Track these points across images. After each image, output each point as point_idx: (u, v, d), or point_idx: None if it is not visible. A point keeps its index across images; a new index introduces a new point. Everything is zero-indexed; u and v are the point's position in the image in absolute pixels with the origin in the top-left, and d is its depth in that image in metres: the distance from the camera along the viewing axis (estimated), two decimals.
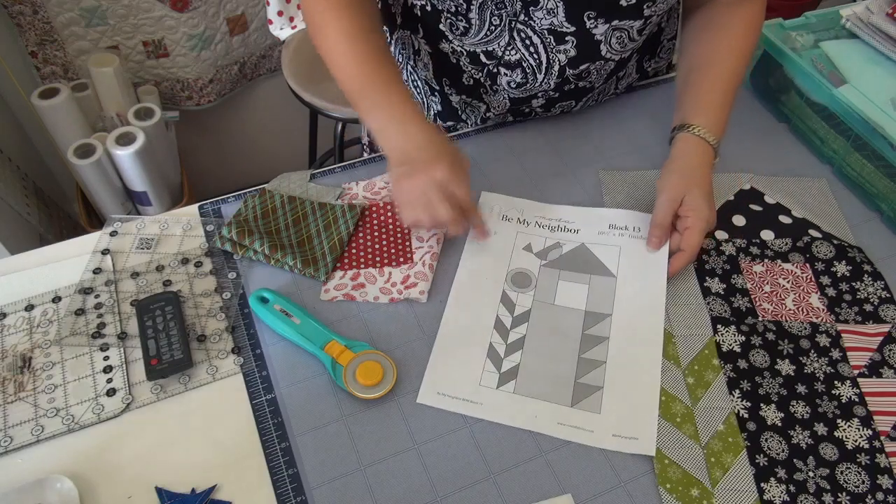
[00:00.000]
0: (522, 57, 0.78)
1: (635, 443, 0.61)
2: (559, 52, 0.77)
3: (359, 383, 0.62)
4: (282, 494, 0.57)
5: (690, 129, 0.76)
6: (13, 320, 0.68)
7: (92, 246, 0.74)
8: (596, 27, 0.74)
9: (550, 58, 0.77)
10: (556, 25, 0.74)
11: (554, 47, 0.76)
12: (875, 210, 0.82)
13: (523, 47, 0.77)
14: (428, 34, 0.84)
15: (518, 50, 0.77)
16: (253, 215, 0.76)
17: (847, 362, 0.67)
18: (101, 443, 0.60)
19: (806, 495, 0.58)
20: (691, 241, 0.71)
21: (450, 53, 0.83)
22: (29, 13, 1.45)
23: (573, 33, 0.74)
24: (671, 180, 0.74)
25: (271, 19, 1.65)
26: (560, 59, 0.77)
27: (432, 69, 0.89)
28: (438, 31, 0.80)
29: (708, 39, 0.81)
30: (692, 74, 0.80)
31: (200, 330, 0.68)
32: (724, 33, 0.80)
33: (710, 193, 0.73)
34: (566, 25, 0.73)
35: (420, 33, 0.85)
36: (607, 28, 0.74)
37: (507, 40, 0.77)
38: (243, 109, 1.94)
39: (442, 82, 0.90)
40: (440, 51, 0.84)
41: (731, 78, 0.78)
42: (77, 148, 1.43)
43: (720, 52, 0.79)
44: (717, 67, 0.78)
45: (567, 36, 0.75)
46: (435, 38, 0.82)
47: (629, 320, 0.69)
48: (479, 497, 0.58)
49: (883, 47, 0.88)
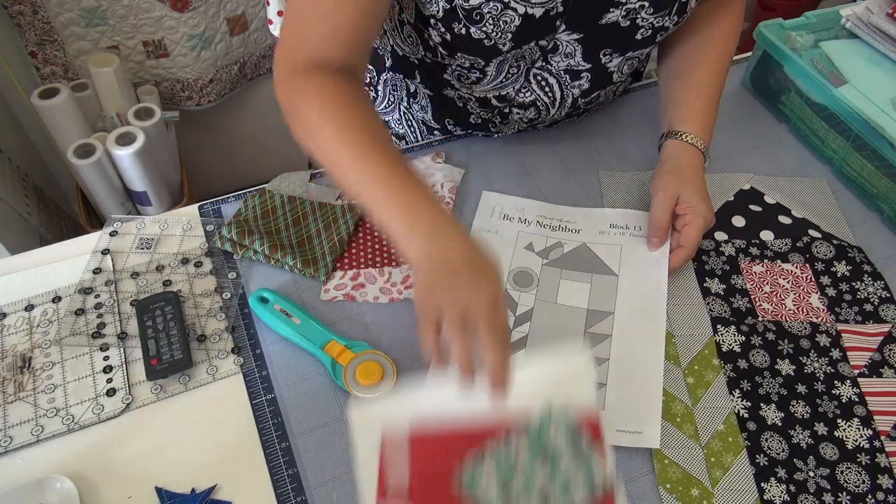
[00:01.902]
0: (537, 97, 0.78)
1: (639, 436, 0.61)
2: (574, 88, 0.77)
3: (359, 383, 0.62)
4: (282, 494, 0.57)
5: (679, 135, 0.76)
6: (13, 320, 0.68)
7: (92, 246, 0.74)
8: (611, 61, 0.74)
9: (565, 93, 0.77)
10: (573, 65, 0.74)
11: (569, 84, 0.76)
12: (875, 210, 0.82)
13: (538, 88, 0.76)
14: (428, 80, 0.81)
15: (533, 91, 0.77)
16: (253, 215, 0.76)
17: (847, 362, 0.67)
18: (101, 443, 0.60)
19: (806, 495, 0.58)
20: (690, 238, 0.71)
21: (455, 99, 0.81)
22: (29, 13, 1.45)
23: (588, 69, 0.74)
24: (665, 180, 0.74)
25: (271, 19, 1.64)
26: (574, 94, 0.78)
27: (431, 112, 0.86)
28: (442, 80, 0.78)
29: (687, 44, 0.81)
30: (675, 81, 0.80)
31: (200, 330, 0.68)
32: (703, 39, 0.80)
33: (704, 191, 0.73)
34: (582, 64, 0.73)
35: (417, 79, 0.82)
36: (621, 59, 0.74)
37: (521, 84, 0.76)
38: (243, 109, 1.94)
39: (444, 122, 0.87)
40: (444, 96, 0.81)
41: (714, 82, 0.78)
42: (77, 148, 1.43)
43: (701, 58, 0.79)
44: (699, 73, 0.78)
45: (583, 73, 0.75)
46: (438, 85, 0.80)
47: (631, 318, 0.69)
48: None
49: (883, 47, 0.88)
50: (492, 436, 0.54)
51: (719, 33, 0.80)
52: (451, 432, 0.54)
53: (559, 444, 0.54)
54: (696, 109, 0.77)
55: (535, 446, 0.54)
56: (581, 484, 0.52)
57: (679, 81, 0.80)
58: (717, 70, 0.79)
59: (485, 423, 0.54)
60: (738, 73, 0.98)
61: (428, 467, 0.54)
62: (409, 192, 0.56)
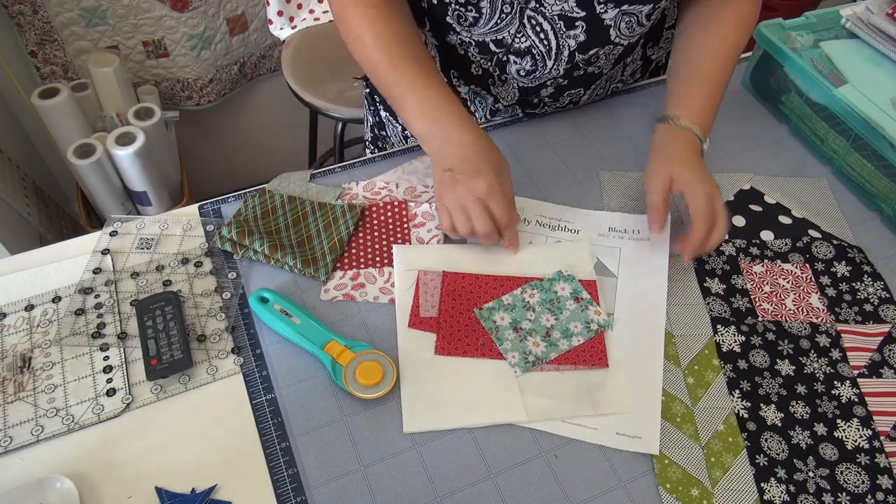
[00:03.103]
0: (532, 44, 0.78)
1: (639, 441, 0.61)
2: (569, 38, 0.77)
3: (359, 383, 0.62)
4: (282, 494, 0.57)
5: (671, 119, 0.75)
6: (13, 320, 0.68)
7: (92, 246, 0.74)
8: (606, 12, 0.74)
9: (560, 43, 0.77)
10: (567, 11, 0.74)
11: (564, 32, 0.76)
12: (875, 210, 0.82)
13: (533, 34, 0.77)
14: (434, 27, 0.84)
15: (528, 37, 0.77)
16: (253, 215, 0.76)
17: (847, 362, 0.67)
18: (101, 443, 0.60)
19: (806, 495, 0.58)
20: (699, 208, 0.69)
21: (457, 45, 0.83)
22: (29, 13, 1.45)
23: (583, 18, 0.74)
24: (653, 165, 0.74)
25: (271, 19, 1.65)
26: (570, 45, 0.77)
27: (439, 62, 0.89)
28: (445, 24, 0.80)
29: (698, 35, 0.80)
30: (682, 70, 0.80)
31: (200, 330, 0.68)
32: (714, 30, 0.79)
33: (699, 168, 0.72)
34: (576, 10, 0.73)
35: (427, 26, 0.85)
36: (617, 13, 0.74)
37: (516, 27, 0.77)
38: (243, 109, 1.94)
39: (450, 74, 0.90)
40: (447, 43, 0.84)
41: (718, 73, 0.77)
42: (77, 148, 1.43)
43: (709, 49, 0.78)
44: (704, 64, 0.78)
45: (577, 21, 0.75)
46: (442, 30, 0.83)
47: (631, 319, 0.69)
48: (479, 497, 0.58)
49: (883, 47, 0.88)
50: (511, 287, 0.71)
51: (731, 24, 0.79)
52: (478, 279, 0.72)
53: (565, 296, 0.70)
54: (694, 97, 0.76)
55: (545, 297, 0.70)
56: (580, 329, 0.68)
57: (683, 70, 0.79)
58: (724, 59, 0.78)
59: (507, 278, 0.72)
60: (738, 73, 0.98)
61: (455, 299, 0.70)
62: (429, 97, 0.70)
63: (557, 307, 0.70)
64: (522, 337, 0.67)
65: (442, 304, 0.70)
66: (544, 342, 0.67)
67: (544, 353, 0.66)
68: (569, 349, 0.66)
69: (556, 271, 0.72)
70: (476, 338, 0.67)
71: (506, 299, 0.70)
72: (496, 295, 0.71)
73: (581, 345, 0.67)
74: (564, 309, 0.69)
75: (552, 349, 0.66)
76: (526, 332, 0.67)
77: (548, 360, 0.66)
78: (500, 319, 0.68)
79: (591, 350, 0.67)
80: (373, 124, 1.05)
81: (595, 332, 0.68)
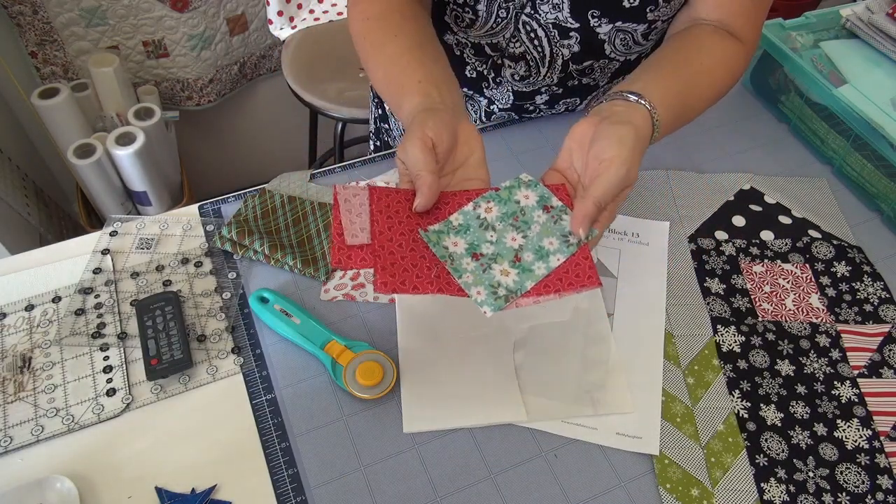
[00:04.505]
0: (526, 49, 0.78)
1: (639, 442, 0.61)
2: (563, 47, 0.77)
3: (359, 383, 0.62)
4: (282, 494, 0.57)
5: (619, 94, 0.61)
6: (13, 320, 0.68)
7: (92, 246, 0.74)
8: (600, 26, 0.74)
9: (554, 51, 0.78)
10: (561, 20, 0.74)
11: (558, 41, 0.76)
12: (875, 210, 0.82)
13: (528, 40, 0.77)
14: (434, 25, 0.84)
15: (522, 42, 0.78)
16: (253, 215, 0.76)
17: (847, 362, 0.67)
18: (101, 443, 0.60)
19: (806, 495, 0.58)
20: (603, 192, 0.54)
21: (454, 45, 0.84)
22: (29, 13, 1.45)
23: (577, 29, 0.75)
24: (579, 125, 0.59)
25: (271, 19, 1.65)
26: (563, 54, 0.78)
27: None
28: (443, 23, 0.81)
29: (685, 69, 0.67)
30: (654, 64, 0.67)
31: (200, 330, 0.68)
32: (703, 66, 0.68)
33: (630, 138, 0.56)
34: (570, 21, 0.74)
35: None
36: (611, 28, 0.74)
37: (511, 32, 0.77)
38: (243, 109, 1.94)
39: None
40: (444, 43, 0.84)
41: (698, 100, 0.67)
42: (77, 148, 1.43)
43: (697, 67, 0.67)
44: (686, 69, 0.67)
45: (571, 31, 0.75)
46: (440, 30, 0.83)
47: (630, 319, 0.69)
48: (479, 497, 0.58)
49: (883, 47, 0.88)
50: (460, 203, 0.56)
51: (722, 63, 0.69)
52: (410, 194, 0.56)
53: (530, 205, 0.55)
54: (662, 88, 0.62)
55: (506, 210, 0.55)
56: (557, 245, 0.54)
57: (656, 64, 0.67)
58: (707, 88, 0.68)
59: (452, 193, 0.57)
60: None
61: (391, 217, 0.55)
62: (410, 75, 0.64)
63: (523, 221, 0.55)
64: (486, 265, 0.53)
65: (374, 225, 0.54)
66: (515, 269, 0.53)
67: (517, 282, 0.52)
68: (548, 273, 0.52)
69: (516, 177, 0.56)
70: (427, 267, 0.52)
71: (455, 219, 0.54)
72: (441, 215, 0.55)
73: (562, 264, 0.53)
74: (532, 222, 0.55)
75: (527, 276, 0.52)
76: (489, 259, 0.53)
77: (523, 291, 0.52)
78: (452, 245, 0.53)
79: (576, 269, 0.53)
80: (376, 116, 1.06)
81: (576, 246, 0.54)
